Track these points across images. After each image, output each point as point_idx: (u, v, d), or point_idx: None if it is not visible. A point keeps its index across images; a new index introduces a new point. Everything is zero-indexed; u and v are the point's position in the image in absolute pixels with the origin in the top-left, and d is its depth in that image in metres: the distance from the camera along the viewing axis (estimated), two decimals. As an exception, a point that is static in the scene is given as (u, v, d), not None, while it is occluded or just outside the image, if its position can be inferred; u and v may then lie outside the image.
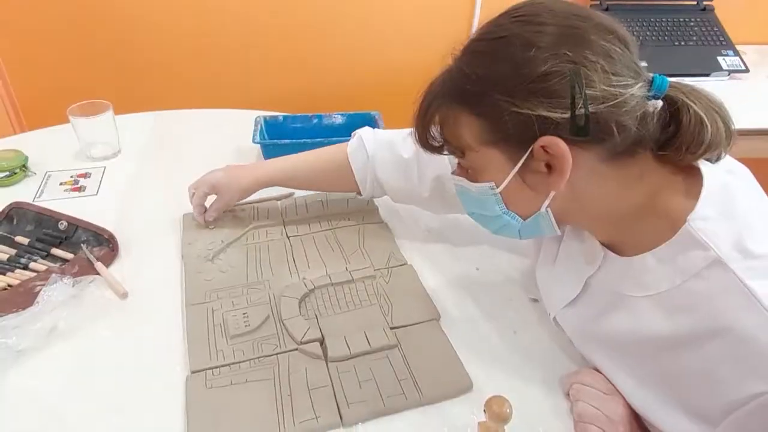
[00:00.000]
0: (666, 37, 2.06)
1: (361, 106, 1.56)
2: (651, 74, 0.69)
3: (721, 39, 2.08)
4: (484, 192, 0.77)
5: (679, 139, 0.69)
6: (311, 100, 2.22)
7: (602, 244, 0.80)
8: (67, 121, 1.39)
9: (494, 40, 0.70)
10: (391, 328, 0.93)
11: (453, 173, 0.83)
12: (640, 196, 0.71)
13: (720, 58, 2.03)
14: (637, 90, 0.66)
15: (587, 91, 0.64)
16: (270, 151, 1.40)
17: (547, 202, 0.74)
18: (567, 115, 0.65)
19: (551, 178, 0.70)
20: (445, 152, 0.81)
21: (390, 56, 2.25)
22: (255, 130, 1.41)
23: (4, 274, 1.04)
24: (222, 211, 1.19)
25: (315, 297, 1.00)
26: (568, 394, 0.83)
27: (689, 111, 0.67)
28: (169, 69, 2.11)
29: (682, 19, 2.12)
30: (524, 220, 0.78)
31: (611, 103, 0.64)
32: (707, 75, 1.98)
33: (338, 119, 1.50)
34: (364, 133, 1.15)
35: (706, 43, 2.07)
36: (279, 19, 2.08)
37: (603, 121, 0.65)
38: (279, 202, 1.26)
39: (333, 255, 1.11)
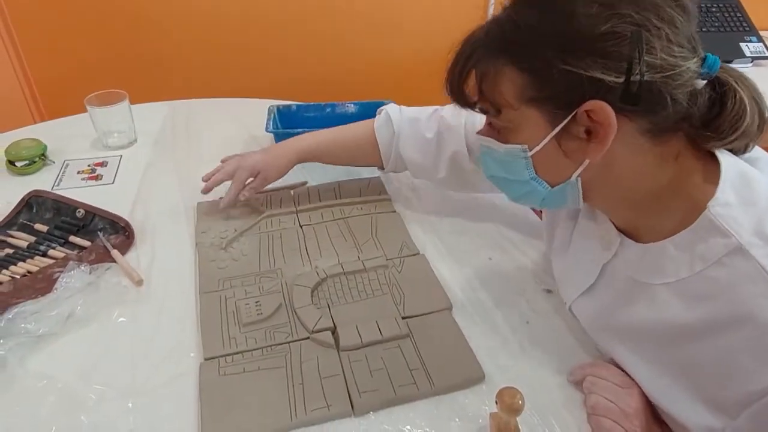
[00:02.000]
0: (686, 25, 2.04)
1: (373, 95, 1.55)
2: (705, 53, 0.66)
3: (744, 25, 2.06)
4: (514, 154, 0.73)
5: (718, 123, 0.67)
6: (324, 89, 2.22)
7: (618, 230, 0.78)
8: (84, 110, 1.40)
9: None
10: (403, 318, 0.93)
11: (479, 132, 0.79)
12: (669, 176, 0.69)
13: (743, 45, 2.00)
14: (693, 63, 0.63)
15: (646, 58, 0.61)
16: (283, 140, 1.40)
17: (579, 171, 0.70)
18: (621, 80, 0.62)
19: (590, 146, 0.67)
20: (478, 108, 0.76)
21: (403, 45, 2.24)
22: (268, 119, 1.42)
23: (24, 261, 1.05)
24: (259, 190, 1.19)
25: (327, 286, 1.00)
26: (581, 386, 0.82)
27: (735, 96, 0.66)
28: (185, 59, 2.12)
29: (704, 5, 2.09)
30: (552, 187, 0.74)
31: (668, 73, 0.62)
32: (730, 62, 1.95)
33: (351, 108, 1.50)
34: (391, 109, 1.17)
35: (729, 29, 2.04)
36: (293, 7, 2.08)
37: (656, 92, 0.62)
38: (292, 191, 1.26)
39: (345, 244, 1.11)
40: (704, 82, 0.66)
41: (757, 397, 0.62)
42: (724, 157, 0.69)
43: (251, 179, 1.17)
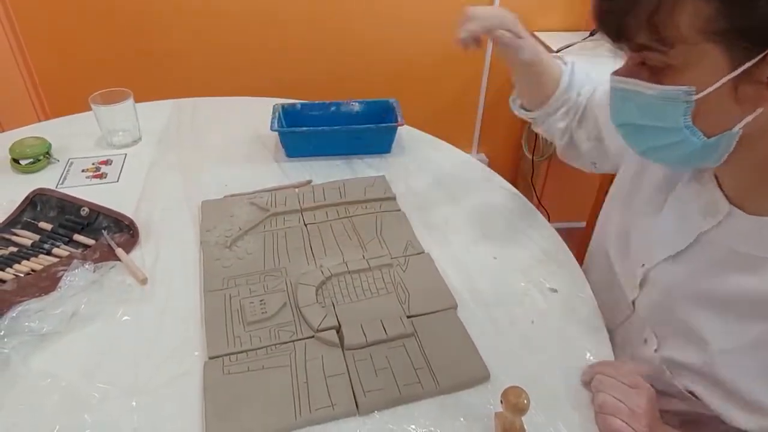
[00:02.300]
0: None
1: (379, 94, 1.55)
2: None
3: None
4: (673, 97, 0.66)
5: None
6: (329, 87, 2.22)
7: (729, 199, 0.74)
8: (89, 109, 1.40)
9: None
10: (408, 317, 0.93)
11: (617, 73, 0.72)
12: None
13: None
14: None
15: None
16: (288, 138, 1.40)
17: (747, 120, 0.64)
18: None
19: None
20: (634, 45, 0.67)
21: (408, 44, 2.24)
22: (273, 118, 1.41)
23: (28, 260, 1.05)
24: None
25: (332, 285, 1.00)
26: (589, 385, 0.81)
27: None
28: (190, 57, 2.12)
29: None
30: (708, 138, 0.67)
31: None
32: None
33: (356, 107, 1.50)
34: (576, 65, 1.14)
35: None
36: (298, 6, 2.08)
37: None
38: (297, 190, 1.26)
39: (350, 243, 1.11)
40: None
41: None
42: None
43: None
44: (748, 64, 0.60)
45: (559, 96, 1.12)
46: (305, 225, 1.16)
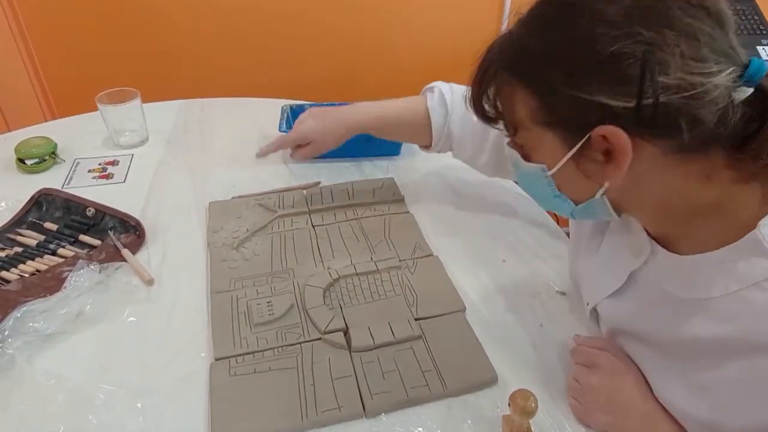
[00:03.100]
0: (703, 26, 2.02)
1: (388, 96, 1.55)
2: (749, 57, 0.59)
3: (762, 28, 2.04)
4: (536, 172, 0.72)
5: (759, 140, 0.60)
6: (338, 89, 2.22)
7: (653, 237, 0.75)
8: (96, 109, 1.40)
9: (562, 7, 0.63)
10: (416, 319, 0.93)
11: (508, 144, 0.77)
12: (707, 196, 0.64)
13: (760, 48, 1.99)
14: (725, 77, 0.57)
15: (660, 79, 0.56)
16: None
17: (602, 191, 0.68)
18: (632, 105, 0.58)
19: (608, 168, 0.64)
20: (500, 125, 0.75)
21: (418, 45, 2.24)
22: (281, 119, 1.42)
23: (33, 260, 1.06)
24: (311, 157, 1.27)
25: (339, 287, 1.00)
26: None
27: None
28: (197, 57, 2.13)
29: (720, 8, 2.08)
30: (576, 205, 0.73)
31: (688, 93, 0.56)
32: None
33: (365, 108, 1.50)
34: (443, 87, 1.17)
35: (746, 32, 2.03)
36: (307, 6, 2.09)
37: (674, 113, 0.57)
38: (305, 191, 1.26)
39: (358, 245, 1.11)
40: (749, 90, 0.59)
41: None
42: None
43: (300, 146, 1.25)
44: (575, 148, 0.65)
45: (439, 132, 1.17)
46: (313, 227, 1.16)
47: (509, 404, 0.70)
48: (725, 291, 0.64)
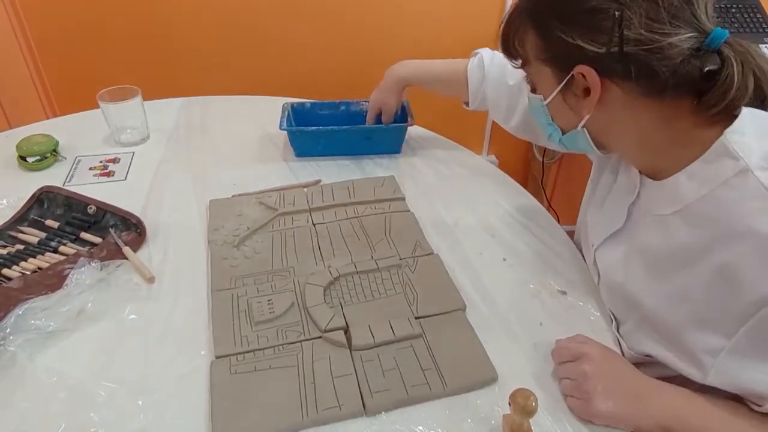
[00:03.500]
0: (706, 24, 2.01)
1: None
2: (714, 27, 0.71)
3: (765, 26, 2.03)
4: (536, 102, 0.88)
5: (714, 93, 0.71)
6: (339, 87, 2.22)
7: (641, 172, 0.86)
8: (98, 106, 1.41)
9: None
10: (416, 318, 0.93)
11: (525, 78, 0.92)
12: (674, 133, 0.77)
13: (764, 46, 1.98)
14: (681, 40, 0.70)
15: (625, 33, 0.70)
16: (297, 138, 1.41)
17: (582, 122, 0.82)
18: (602, 51, 0.73)
19: (585, 102, 0.79)
20: (518, 62, 0.89)
21: (419, 44, 2.23)
22: (282, 117, 1.42)
23: (35, 257, 1.06)
24: (391, 116, 1.43)
25: (340, 285, 1.00)
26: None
27: (728, 70, 0.70)
28: (198, 55, 2.13)
29: (723, 5, 2.07)
30: (563, 134, 0.88)
31: (648, 47, 0.70)
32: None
33: (365, 106, 1.50)
34: (485, 53, 1.29)
35: (748, 30, 2.02)
36: (308, 4, 2.09)
37: (634, 62, 0.71)
38: (305, 190, 1.26)
39: (358, 243, 1.11)
40: (715, 57, 0.71)
41: (755, 308, 0.68)
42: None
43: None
44: (563, 83, 0.80)
45: (475, 93, 1.30)
46: (314, 225, 1.17)
47: (509, 403, 0.70)
48: (698, 195, 0.74)
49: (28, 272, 1.02)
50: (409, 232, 1.14)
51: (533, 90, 0.89)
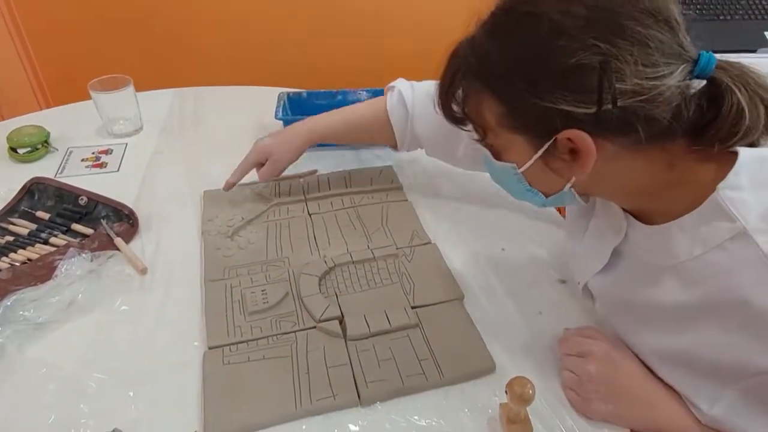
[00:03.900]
0: (710, 11, 2.01)
1: (386, 81, 1.55)
2: (698, 52, 0.65)
3: (770, 14, 2.03)
4: (507, 170, 0.77)
5: (716, 128, 0.65)
6: (335, 76, 2.21)
7: (630, 212, 0.79)
8: (90, 98, 1.40)
9: (522, 17, 0.67)
10: (413, 308, 0.93)
11: (478, 141, 0.81)
12: (674, 173, 0.69)
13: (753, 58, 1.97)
14: (677, 76, 0.62)
15: (617, 86, 0.61)
16: (293, 126, 1.40)
17: (569, 185, 0.73)
18: (593, 111, 0.63)
19: (575, 166, 0.69)
20: (469, 127, 0.79)
21: (418, 32, 2.23)
22: (278, 106, 1.41)
23: (25, 249, 1.06)
24: (273, 175, 1.19)
25: (335, 275, 1.00)
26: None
27: (732, 98, 0.63)
28: (192, 46, 2.13)
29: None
30: (546, 197, 0.78)
31: (643, 97, 0.62)
32: (753, 51, 1.92)
33: (363, 96, 1.49)
34: (402, 86, 1.17)
35: (753, 17, 2.01)
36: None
37: (631, 115, 0.63)
38: (301, 179, 1.26)
39: (355, 233, 1.11)
40: (702, 82, 0.65)
41: (749, 375, 0.65)
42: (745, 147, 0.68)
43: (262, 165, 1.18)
44: (542, 150, 0.70)
45: (402, 133, 1.18)
46: (309, 215, 1.16)
47: (506, 392, 0.70)
48: (690, 255, 0.69)
49: (17, 263, 1.02)
50: (407, 221, 1.14)
51: (497, 157, 0.78)
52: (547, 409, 0.78)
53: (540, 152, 0.70)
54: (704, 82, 0.64)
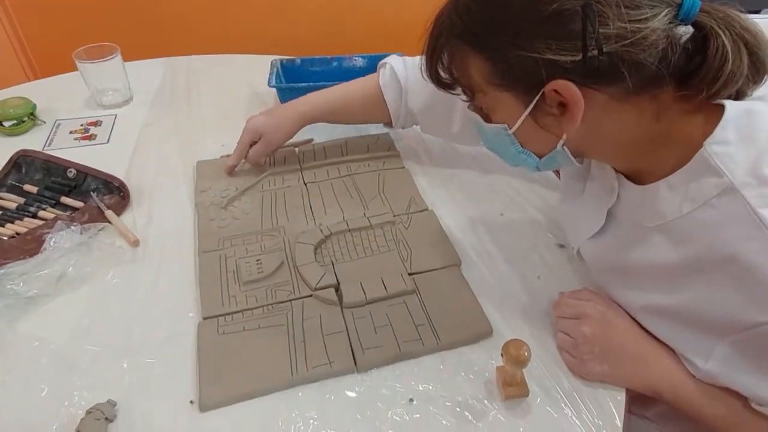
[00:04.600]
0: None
1: (382, 48, 1.54)
2: None
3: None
4: (498, 132, 0.77)
5: (702, 73, 0.65)
6: (328, 42, 2.19)
7: (622, 173, 0.80)
8: (77, 69, 1.40)
9: None
10: (410, 274, 0.94)
11: (469, 107, 0.82)
12: (663, 125, 0.69)
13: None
14: (661, 20, 0.62)
15: (600, 30, 0.61)
16: (287, 95, 1.39)
17: (561, 142, 0.73)
18: (578, 58, 0.63)
19: (564, 120, 0.69)
20: (457, 90, 0.79)
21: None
22: (271, 74, 1.40)
23: (13, 223, 1.07)
24: (266, 155, 1.20)
25: (331, 243, 1.01)
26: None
27: (717, 41, 0.63)
28: (183, 13, 2.11)
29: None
30: (540, 158, 0.78)
31: (628, 41, 0.61)
32: (757, 12, 1.90)
33: (359, 62, 1.49)
34: (395, 63, 1.17)
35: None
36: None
37: (617, 61, 0.63)
38: (296, 149, 1.26)
39: (351, 201, 1.11)
40: (687, 28, 0.64)
41: (739, 329, 0.66)
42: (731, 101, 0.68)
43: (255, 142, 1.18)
44: (531, 105, 0.70)
45: (396, 110, 1.18)
46: (305, 184, 1.17)
47: (502, 354, 0.71)
48: (679, 213, 0.70)
49: (5, 238, 1.03)
50: (404, 188, 1.14)
51: (487, 119, 0.78)
52: (544, 372, 0.79)
53: (529, 108, 0.70)
54: (690, 27, 0.64)
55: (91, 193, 1.13)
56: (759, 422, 0.71)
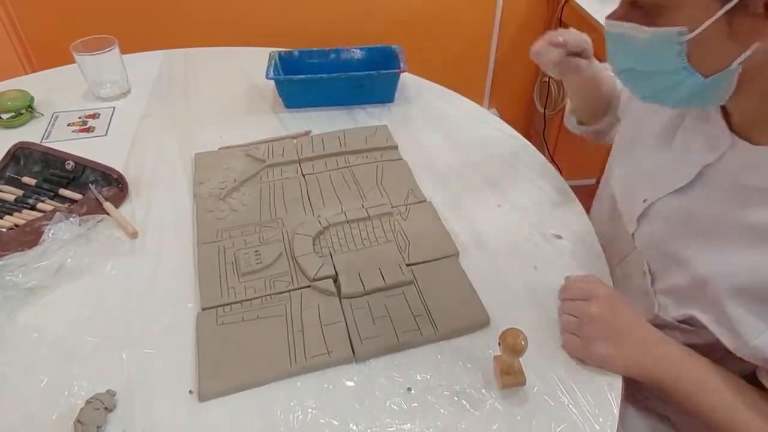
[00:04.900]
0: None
1: (380, 40, 1.55)
2: None
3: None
4: (666, 39, 0.67)
5: None
6: (328, 37, 2.20)
7: (736, 130, 0.74)
8: (75, 61, 1.41)
9: None
10: (408, 265, 0.94)
11: (610, 17, 0.73)
12: None
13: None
14: None
15: None
16: (285, 88, 1.40)
17: (745, 55, 0.63)
18: None
19: (767, 24, 0.60)
20: None
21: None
22: (269, 66, 1.41)
23: (11, 215, 1.07)
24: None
25: (330, 234, 1.01)
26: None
27: None
28: (181, 5, 2.11)
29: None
30: (706, 78, 0.68)
31: None
32: None
33: (357, 54, 1.49)
34: None
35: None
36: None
37: None
38: (295, 141, 1.27)
39: (349, 192, 1.12)
40: None
41: None
42: None
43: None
44: (732, 2, 0.60)
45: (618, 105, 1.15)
46: (303, 176, 1.17)
47: (499, 343, 0.72)
48: None
49: (3, 229, 1.03)
50: (402, 180, 1.15)
51: (650, 22, 0.67)
52: (542, 361, 0.80)
53: (730, 4, 0.60)
54: None
55: (90, 185, 1.14)
56: (754, 416, 0.71)
